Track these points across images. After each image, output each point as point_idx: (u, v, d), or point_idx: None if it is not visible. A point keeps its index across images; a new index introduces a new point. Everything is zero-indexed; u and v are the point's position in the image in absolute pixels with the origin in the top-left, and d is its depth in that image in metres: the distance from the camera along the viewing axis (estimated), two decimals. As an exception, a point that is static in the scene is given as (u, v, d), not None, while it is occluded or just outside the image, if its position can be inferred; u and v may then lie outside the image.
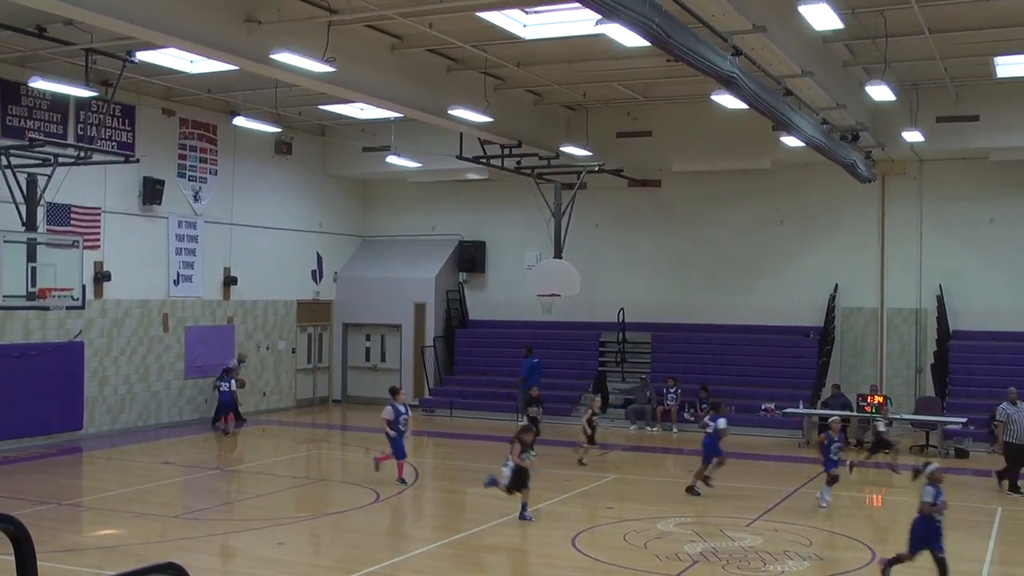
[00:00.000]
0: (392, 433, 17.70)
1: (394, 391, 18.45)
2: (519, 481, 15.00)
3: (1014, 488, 17.71)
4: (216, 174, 26.28)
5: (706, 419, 18.24)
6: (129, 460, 20.69)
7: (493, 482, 15.19)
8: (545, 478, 18.61)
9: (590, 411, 20.68)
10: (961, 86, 22.77)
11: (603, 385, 26.92)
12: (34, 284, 18.97)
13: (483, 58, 20.00)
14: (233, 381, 24.62)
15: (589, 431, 20.34)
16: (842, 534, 14.56)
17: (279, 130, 26.58)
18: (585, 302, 27.06)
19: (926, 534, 11.61)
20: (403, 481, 17.81)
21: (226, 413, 24.25)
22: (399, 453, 17.87)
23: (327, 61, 16.29)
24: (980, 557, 13.27)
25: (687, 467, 21.09)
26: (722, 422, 17.65)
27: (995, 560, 13.15)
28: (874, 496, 19.00)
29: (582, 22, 16.01)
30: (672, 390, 25.38)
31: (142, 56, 18.93)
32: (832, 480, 16.45)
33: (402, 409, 17.93)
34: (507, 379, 27.52)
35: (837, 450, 16.63)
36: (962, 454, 21.63)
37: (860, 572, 12.49)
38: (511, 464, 14.95)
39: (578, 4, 10.79)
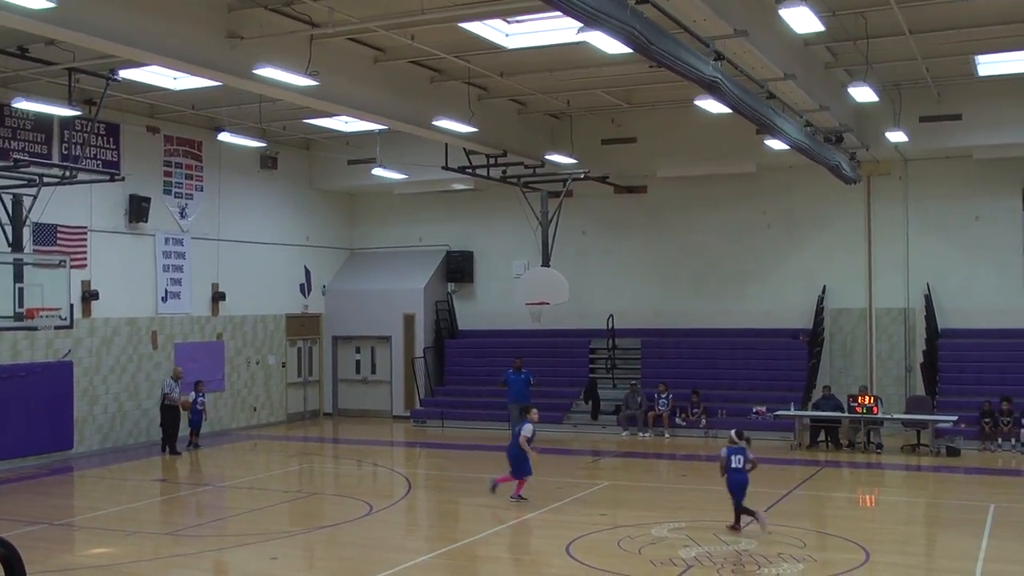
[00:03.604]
0: (532, 453, 17.39)
1: (527, 409, 18.38)
2: None
3: None
4: (202, 190, 26.24)
5: None
6: (120, 478, 20.61)
7: None
8: (538, 486, 18.62)
9: None
10: (943, 85, 22.86)
11: (594, 392, 26.90)
12: (21, 304, 18.87)
13: (466, 68, 20.03)
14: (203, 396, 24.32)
15: None
16: (836, 535, 14.57)
17: (264, 145, 26.61)
18: (574, 309, 27.05)
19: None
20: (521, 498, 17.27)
21: (197, 429, 24.09)
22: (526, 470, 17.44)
23: (310, 75, 16.30)
24: (973, 555, 13.30)
25: (679, 472, 21.15)
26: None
27: (988, 557, 13.16)
28: (867, 496, 19.04)
29: (564, 30, 16.08)
30: (663, 396, 25.38)
31: (125, 74, 18.93)
32: None
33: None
34: (497, 388, 27.51)
35: None
36: (953, 452, 21.66)
37: (854, 573, 12.49)
38: None
39: (560, 13, 10.80)
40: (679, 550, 13.44)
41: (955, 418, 22.35)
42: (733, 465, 14.71)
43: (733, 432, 15.21)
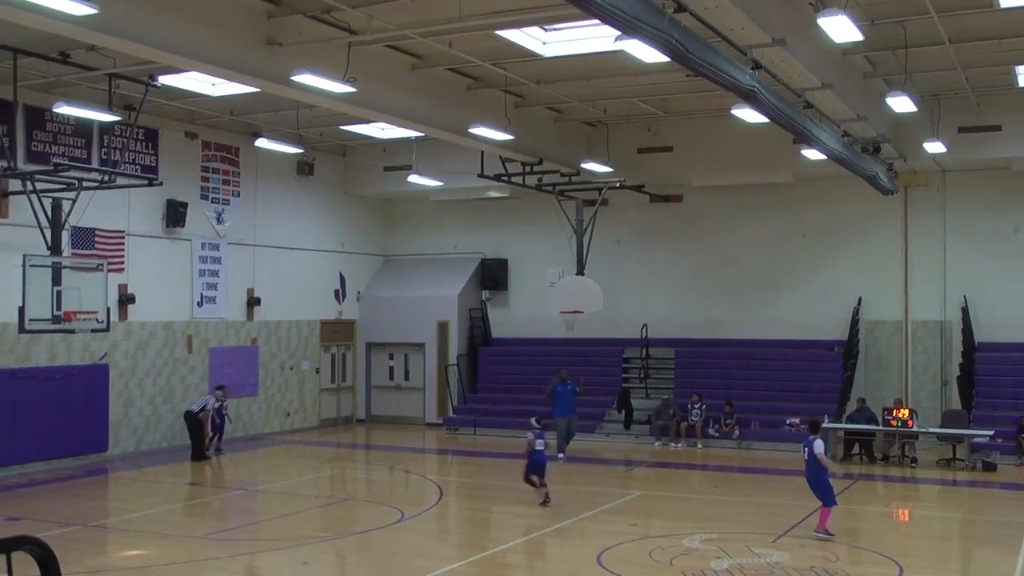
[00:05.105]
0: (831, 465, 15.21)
1: (815, 425, 15.71)
2: None
3: None
4: (239, 196, 26.41)
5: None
6: (154, 481, 20.76)
7: None
8: (570, 495, 18.60)
9: None
10: (983, 96, 22.65)
11: (627, 402, 26.82)
12: (59, 307, 19.06)
13: (503, 76, 20.06)
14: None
15: None
16: (869, 549, 14.45)
17: (301, 151, 26.75)
18: (608, 318, 27.00)
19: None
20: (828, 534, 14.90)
21: (220, 433, 24.23)
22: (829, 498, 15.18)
23: (348, 82, 16.37)
24: (1010, 572, 13.15)
25: (712, 483, 21.07)
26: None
27: (1025, 574, 13.02)
28: (901, 511, 18.87)
29: (601, 39, 16.09)
30: (697, 406, 25.27)
31: (164, 80, 19.09)
32: None
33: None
34: (530, 396, 27.50)
35: None
36: (989, 467, 21.43)
37: (888, 587, 12.38)
38: None
39: (597, 21, 10.79)
40: (711, 562, 13.37)
41: (991, 432, 22.10)
42: (538, 447, 17.27)
43: (534, 420, 17.93)
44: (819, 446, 15.01)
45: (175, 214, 24.16)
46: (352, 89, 16.62)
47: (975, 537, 16.66)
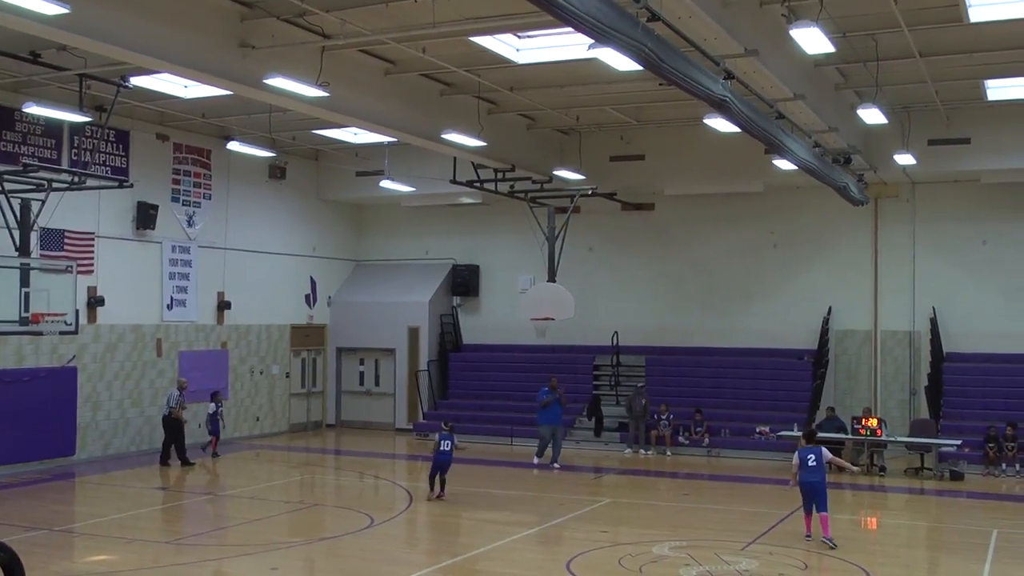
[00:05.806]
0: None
1: (811, 435, 16.15)
2: None
3: None
4: (210, 199, 26.28)
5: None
6: (122, 485, 20.59)
7: None
8: (540, 502, 18.58)
9: None
10: (952, 109, 22.85)
11: (597, 409, 26.84)
12: (27, 309, 18.89)
13: (476, 82, 20.06)
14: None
15: None
16: (837, 557, 14.50)
17: (273, 155, 26.67)
18: (579, 325, 27.02)
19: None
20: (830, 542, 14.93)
21: (217, 436, 24.30)
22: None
23: (321, 86, 16.35)
24: (976, 580, 13.25)
25: (682, 490, 21.13)
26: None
27: (991, 583, 13.12)
28: (869, 519, 18.97)
29: (575, 46, 16.10)
30: (664, 416, 25.29)
31: (136, 81, 18.98)
32: None
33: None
34: (500, 403, 27.49)
35: None
36: (957, 476, 21.60)
37: (856, 595, 12.44)
38: None
39: (571, 29, 10.81)
40: (680, 569, 13.40)
41: (959, 442, 22.29)
42: (442, 448, 18.73)
43: (443, 422, 19.74)
44: (828, 453, 15.60)
45: (145, 216, 24.02)
46: (325, 93, 16.60)
47: (942, 546, 16.76)
